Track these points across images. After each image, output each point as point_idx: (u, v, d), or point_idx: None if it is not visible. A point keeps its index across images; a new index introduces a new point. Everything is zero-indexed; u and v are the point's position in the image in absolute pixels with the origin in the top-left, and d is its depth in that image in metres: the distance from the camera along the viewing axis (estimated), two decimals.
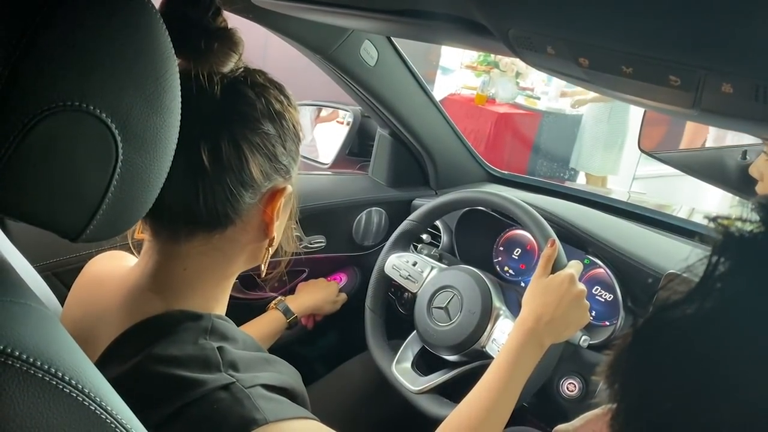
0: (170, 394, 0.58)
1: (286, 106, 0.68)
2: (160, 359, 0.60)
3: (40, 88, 0.39)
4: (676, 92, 0.41)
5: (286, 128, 0.67)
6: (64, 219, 0.43)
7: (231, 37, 0.64)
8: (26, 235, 0.95)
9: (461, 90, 4.82)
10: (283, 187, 0.68)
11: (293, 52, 1.25)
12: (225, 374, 0.60)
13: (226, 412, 0.57)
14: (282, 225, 0.73)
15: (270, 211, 0.68)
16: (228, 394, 0.58)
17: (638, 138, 1.14)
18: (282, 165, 0.67)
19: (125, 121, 0.43)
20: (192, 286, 0.67)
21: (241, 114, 0.63)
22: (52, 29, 0.39)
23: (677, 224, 1.34)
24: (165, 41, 0.46)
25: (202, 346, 0.62)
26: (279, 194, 0.68)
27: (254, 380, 0.62)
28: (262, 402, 0.59)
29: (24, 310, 0.43)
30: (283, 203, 0.70)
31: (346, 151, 1.77)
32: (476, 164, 1.64)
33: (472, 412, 0.85)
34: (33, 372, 0.38)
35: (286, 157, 0.68)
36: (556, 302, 0.91)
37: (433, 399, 1.07)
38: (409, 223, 1.25)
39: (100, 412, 0.41)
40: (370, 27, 0.98)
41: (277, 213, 0.68)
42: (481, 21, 0.52)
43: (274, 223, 0.68)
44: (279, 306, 1.22)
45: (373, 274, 1.26)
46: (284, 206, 0.71)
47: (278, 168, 0.67)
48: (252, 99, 0.64)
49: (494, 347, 1.04)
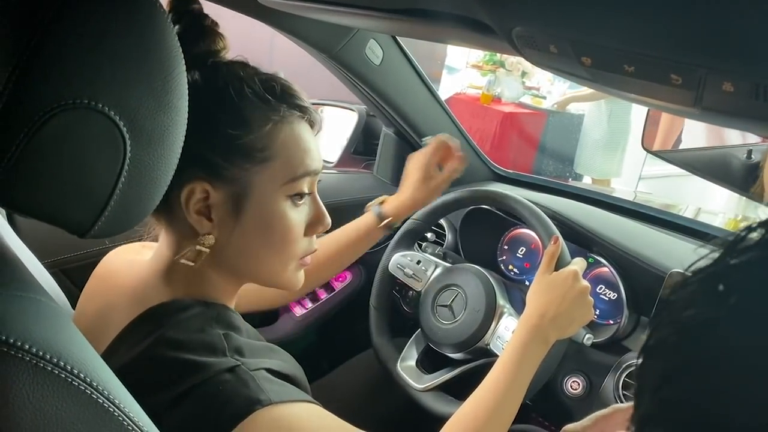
0: (177, 377, 0.59)
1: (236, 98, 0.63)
2: (168, 344, 0.61)
3: (50, 86, 0.39)
4: (678, 91, 0.41)
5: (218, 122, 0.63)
6: (73, 215, 0.44)
7: (199, 25, 0.64)
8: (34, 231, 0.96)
9: (467, 89, 4.81)
10: (199, 185, 0.63)
11: (299, 52, 1.26)
12: (231, 358, 0.61)
13: (231, 392, 0.58)
14: (245, 239, 0.67)
15: (188, 206, 0.63)
16: (233, 375, 0.59)
17: (642, 137, 1.14)
18: (201, 158, 0.62)
19: (133, 119, 0.43)
20: (197, 276, 0.68)
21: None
22: (61, 28, 0.40)
23: (683, 224, 1.33)
24: (172, 40, 0.47)
25: (208, 332, 0.63)
26: (192, 191, 0.63)
27: (259, 364, 0.63)
28: (266, 384, 0.60)
29: (33, 305, 0.43)
30: (216, 206, 0.65)
31: (351, 149, 1.78)
32: (481, 163, 1.64)
33: (478, 411, 0.84)
34: (42, 365, 0.39)
35: (210, 152, 0.63)
36: (560, 298, 0.90)
37: (437, 397, 1.08)
38: (413, 222, 1.25)
39: (108, 405, 0.42)
40: (375, 26, 0.99)
41: (191, 209, 0.64)
42: (485, 20, 0.52)
43: (193, 219, 0.64)
44: (373, 209, 1.11)
45: (377, 273, 1.26)
46: (230, 214, 0.66)
47: (196, 160, 0.61)
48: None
49: (498, 344, 1.05)
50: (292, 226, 0.69)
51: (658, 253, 1.12)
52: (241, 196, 0.65)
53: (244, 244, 0.67)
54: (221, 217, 0.65)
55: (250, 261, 0.70)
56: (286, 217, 0.68)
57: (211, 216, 0.65)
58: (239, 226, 0.66)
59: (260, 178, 0.65)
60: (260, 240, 0.68)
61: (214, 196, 0.64)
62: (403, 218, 1.13)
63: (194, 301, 0.67)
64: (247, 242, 0.67)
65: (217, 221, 0.65)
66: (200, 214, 0.65)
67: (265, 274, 0.71)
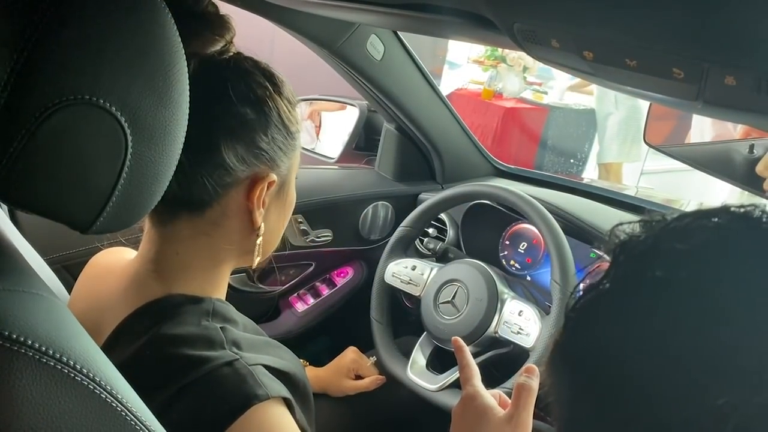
0: (176, 372, 0.59)
1: (271, 93, 0.66)
2: (166, 340, 0.61)
3: (51, 82, 0.39)
4: (680, 84, 0.41)
5: (268, 115, 0.65)
6: (75, 211, 0.44)
7: (216, 21, 0.64)
8: (36, 227, 0.96)
9: (468, 85, 4.80)
10: (265, 175, 0.67)
11: (300, 47, 1.26)
12: (229, 351, 0.61)
13: (229, 386, 0.59)
14: (277, 218, 0.72)
15: (251, 198, 0.66)
16: (231, 369, 0.60)
17: (644, 132, 1.14)
18: (263, 152, 0.66)
19: (135, 115, 0.43)
20: (187, 270, 0.68)
21: (214, 95, 0.62)
22: (63, 24, 0.39)
23: None
24: (173, 35, 0.47)
25: (205, 327, 0.64)
26: (259, 182, 0.66)
27: (257, 360, 0.63)
28: (265, 379, 0.61)
29: (36, 300, 0.43)
30: (271, 194, 0.69)
31: (352, 145, 1.77)
32: (482, 158, 1.64)
33: None
34: (45, 360, 0.39)
35: (268, 144, 0.66)
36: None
37: (453, 393, 1.07)
38: (403, 229, 1.26)
39: (110, 400, 0.42)
40: (376, 21, 0.98)
41: (258, 201, 0.67)
42: (487, 14, 0.52)
43: (255, 211, 0.67)
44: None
45: (374, 285, 1.26)
46: (274, 198, 0.70)
47: (258, 155, 0.65)
48: (230, 81, 0.63)
49: (506, 330, 1.05)
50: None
51: None
52: (285, 181, 0.71)
53: (277, 223, 0.73)
54: (268, 204, 0.69)
55: (272, 238, 0.74)
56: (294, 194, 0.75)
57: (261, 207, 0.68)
58: (278, 207, 0.72)
59: (294, 162, 0.72)
60: (286, 214, 0.75)
61: (273, 186, 0.68)
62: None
63: (186, 296, 0.67)
64: (279, 221, 0.73)
65: (266, 209, 0.69)
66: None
67: (273, 244, 0.75)
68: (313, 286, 1.50)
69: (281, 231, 0.75)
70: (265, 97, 0.65)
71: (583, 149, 4.41)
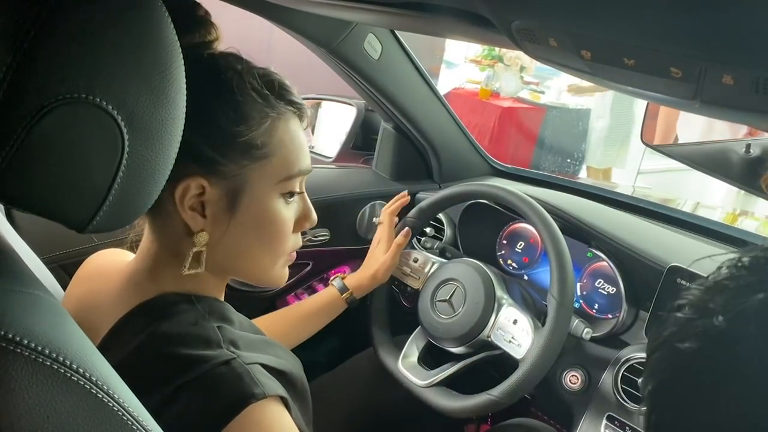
0: (174, 372, 0.59)
1: (222, 95, 0.62)
2: (163, 339, 0.61)
3: (48, 81, 0.39)
4: (678, 84, 0.41)
5: (212, 114, 0.61)
6: (71, 210, 0.44)
7: (192, 15, 0.63)
8: (32, 227, 0.96)
9: (465, 84, 4.80)
10: (194, 180, 0.62)
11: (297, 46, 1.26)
12: (226, 350, 0.61)
13: (226, 385, 0.58)
14: (241, 237, 0.67)
15: (174, 197, 0.62)
16: (228, 368, 0.59)
17: (641, 131, 1.14)
18: (197, 152, 0.61)
19: (131, 113, 0.43)
20: (178, 272, 0.65)
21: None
22: (59, 22, 0.39)
23: (681, 218, 1.33)
24: (170, 34, 0.46)
25: (202, 326, 0.63)
26: (182, 182, 0.61)
27: (254, 359, 0.63)
28: (262, 378, 0.60)
29: (32, 300, 0.43)
30: (218, 204, 0.64)
31: (349, 144, 1.77)
32: (480, 158, 1.64)
33: None
34: (41, 360, 0.38)
35: (207, 148, 0.62)
36: None
37: (441, 392, 1.08)
38: (408, 221, 1.26)
39: (107, 400, 0.41)
40: (373, 20, 0.98)
41: (183, 202, 0.62)
42: (485, 13, 0.52)
43: (182, 212, 0.63)
44: (335, 282, 1.14)
45: None
46: (226, 211, 0.65)
47: (193, 155, 0.60)
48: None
49: (499, 335, 1.05)
50: (284, 224, 0.69)
51: (657, 248, 1.12)
52: (236, 192, 0.64)
53: (237, 241, 0.67)
54: (215, 213, 0.65)
55: (240, 258, 0.69)
56: (279, 215, 0.68)
57: (204, 213, 0.64)
58: (233, 223, 0.65)
59: (257, 175, 0.65)
60: (253, 237, 0.68)
61: (209, 193, 0.63)
62: (365, 292, 1.16)
63: (181, 294, 0.66)
64: (239, 239, 0.67)
65: (211, 218, 0.65)
66: (194, 210, 0.64)
67: (256, 270, 0.71)
68: (310, 285, 1.50)
69: (256, 256, 0.69)
70: (211, 96, 0.62)
71: (580, 149, 4.43)
